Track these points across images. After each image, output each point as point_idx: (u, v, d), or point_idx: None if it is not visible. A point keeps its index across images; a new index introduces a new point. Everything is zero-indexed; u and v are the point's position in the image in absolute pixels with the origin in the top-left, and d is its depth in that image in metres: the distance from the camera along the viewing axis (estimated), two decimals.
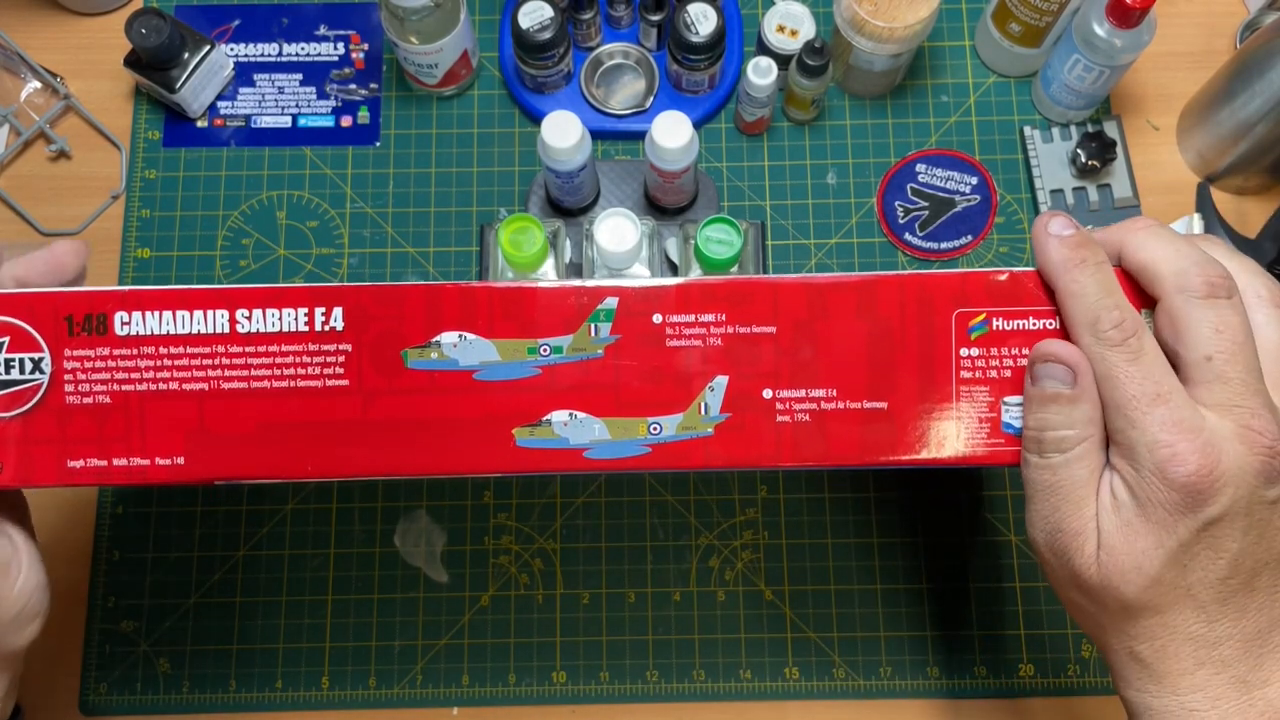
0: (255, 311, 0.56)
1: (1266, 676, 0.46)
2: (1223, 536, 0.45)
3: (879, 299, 0.55)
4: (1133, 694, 0.49)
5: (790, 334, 0.55)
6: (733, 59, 0.99)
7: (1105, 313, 0.47)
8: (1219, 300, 0.46)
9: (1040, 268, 0.52)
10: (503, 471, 0.56)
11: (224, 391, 0.56)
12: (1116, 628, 0.48)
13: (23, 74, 1.00)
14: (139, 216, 0.97)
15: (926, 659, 0.86)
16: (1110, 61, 0.87)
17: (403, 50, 0.91)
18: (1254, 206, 0.97)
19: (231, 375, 0.56)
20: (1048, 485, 0.48)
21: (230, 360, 0.56)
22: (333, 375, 0.56)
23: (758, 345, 0.55)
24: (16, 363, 0.55)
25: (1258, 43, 0.87)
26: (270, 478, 0.56)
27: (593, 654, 0.87)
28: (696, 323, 0.55)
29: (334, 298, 0.56)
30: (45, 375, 0.55)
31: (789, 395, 0.55)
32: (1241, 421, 0.45)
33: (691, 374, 0.55)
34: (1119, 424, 0.46)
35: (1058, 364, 0.49)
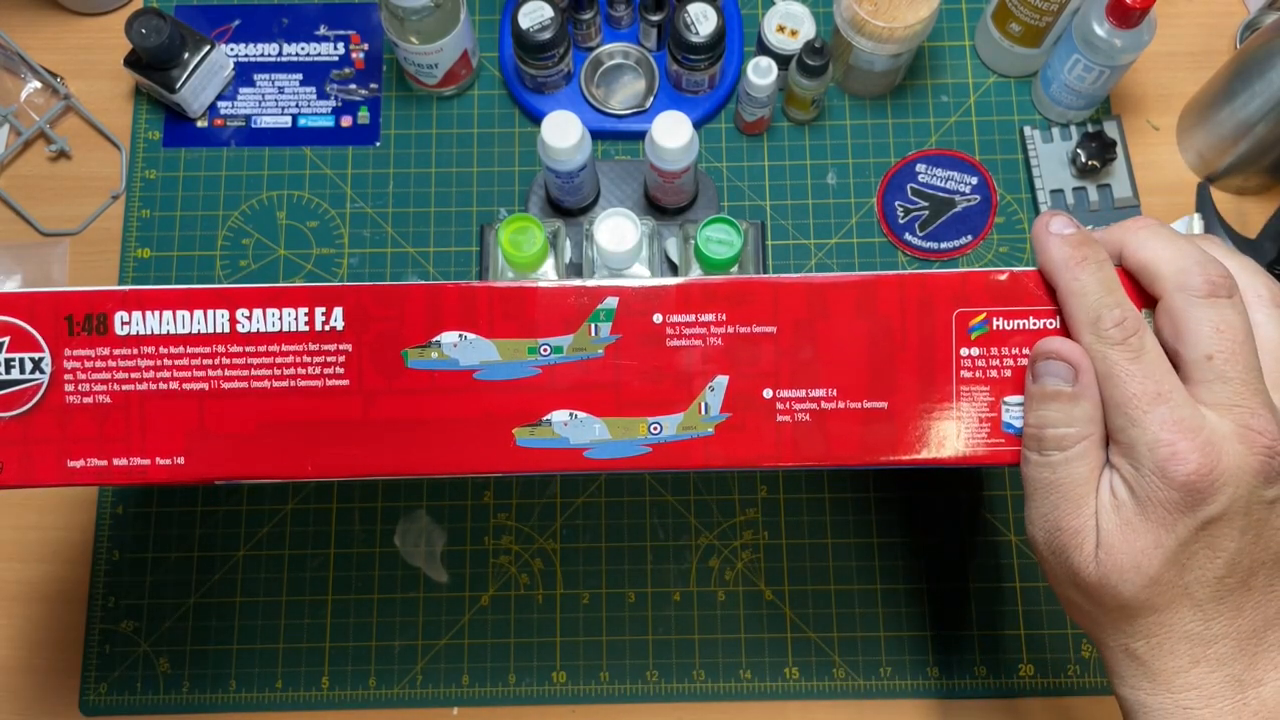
0: (255, 311, 0.56)
1: (1260, 675, 0.46)
2: (1221, 536, 0.45)
3: (879, 298, 0.55)
4: (1128, 691, 0.49)
5: (790, 334, 0.55)
6: (733, 59, 0.99)
7: (1107, 311, 0.47)
8: (1220, 299, 0.46)
9: (1041, 266, 0.52)
10: (502, 471, 0.56)
11: (224, 391, 0.56)
12: (1114, 626, 0.48)
13: (23, 74, 1.00)
14: (139, 216, 0.97)
15: (926, 659, 0.86)
16: (1110, 61, 0.88)
17: (403, 50, 0.91)
18: (1254, 206, 0.97)
19: (232, 375, 0.56)
20: (1047, 483, 0.48)
21: (230, 360, 0.56)
22: (333, 375, 0.56)
23: (758, 345, 0.55)
24: (16, 362, 0.55)
25: (1258, 43, 0.87)
26: (270, 477, 0.56)
27: (593, 654, 0.87)
28: (696, 322, 0.55)
29: (334, 298, 0.56)
30: (45, 375, 0.55)
31: (789, 395, 0.55)
32: (1241, 421, 0.45)
33: (691, 374, 0.55)
34: (1119, 423, 0.46)
35: (1059, 361, 0.49)
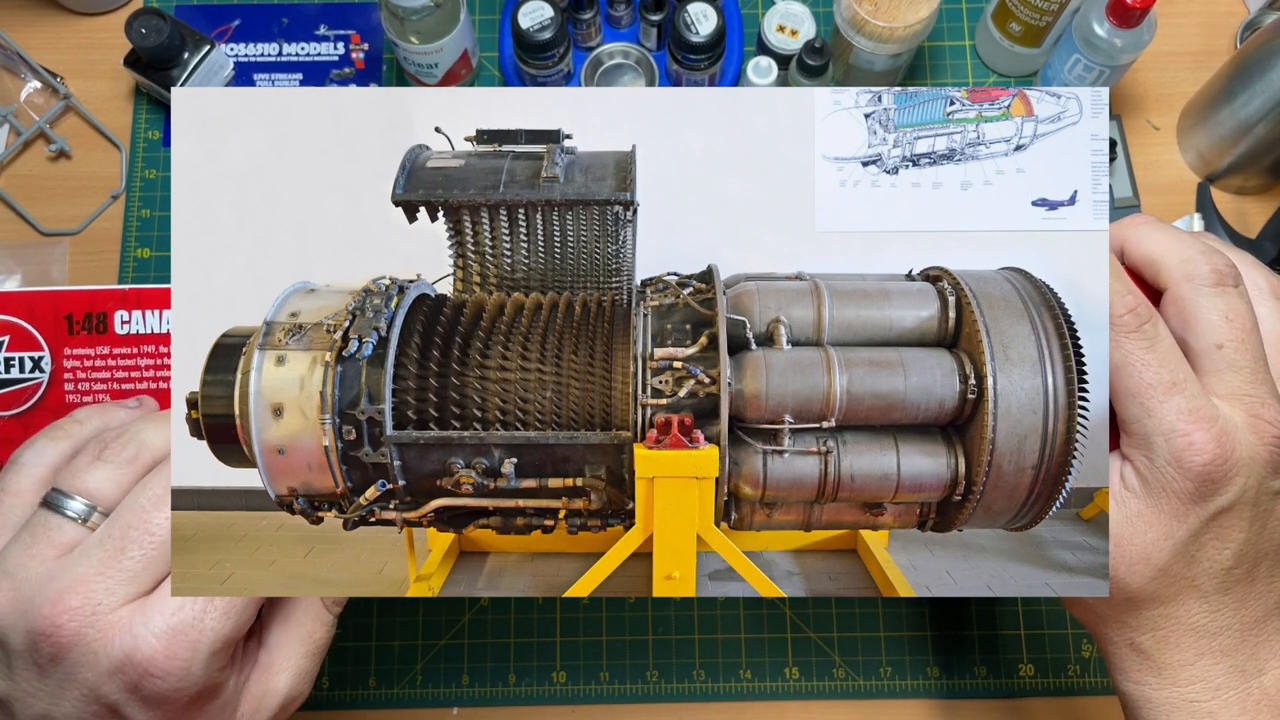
0: None
1: (1262, 665, 0.47)
2: (1230, 526, 0.45)
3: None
4: (1131, 686, 0.49)
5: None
6: (733, 59, 0.99)
7: (1118, 298, 0.47)
8: (1227, 288, 0.46)
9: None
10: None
11: None
12: (1118, 619, 0.48)
13: (23, 74, 1.00)
14: (139, 216, 0.97)
15: (926, 659, 0.86)
16: (1110, 61, 0.87)
17: (403, 50, 0.91)
18: (1254, 206, 0.97)
19: None
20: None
21: None
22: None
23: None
24: (16, 361, 0.55)
25: (1258, 43, 0.87)
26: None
27: (593, 654, 0.87)
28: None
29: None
30: (45, 374, 0.55)
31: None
32: (1252, 411, 0.45)
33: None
34: (1134, 412, 0.46)
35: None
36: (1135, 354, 0.46)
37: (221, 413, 0.77)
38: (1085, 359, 0.78)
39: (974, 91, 1.11)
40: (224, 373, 0.78)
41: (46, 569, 0.44)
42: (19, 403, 0.55)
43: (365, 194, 1.21)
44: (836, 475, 0.78)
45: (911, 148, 1.15)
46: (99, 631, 0.43)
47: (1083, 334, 0.80)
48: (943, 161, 1.16)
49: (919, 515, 0.84)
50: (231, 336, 0.81)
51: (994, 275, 0.84)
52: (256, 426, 0.75)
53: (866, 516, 0.83)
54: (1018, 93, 1.13)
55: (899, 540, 1.15)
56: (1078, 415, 0.76)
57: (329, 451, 0.75)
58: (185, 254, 1.27)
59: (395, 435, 0.76)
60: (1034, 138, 1.15)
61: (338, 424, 0.75)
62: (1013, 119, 1.14)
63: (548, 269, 0.87)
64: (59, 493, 0.46)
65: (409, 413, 0.78)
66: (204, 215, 1.26)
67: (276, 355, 0.75)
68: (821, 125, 1.18)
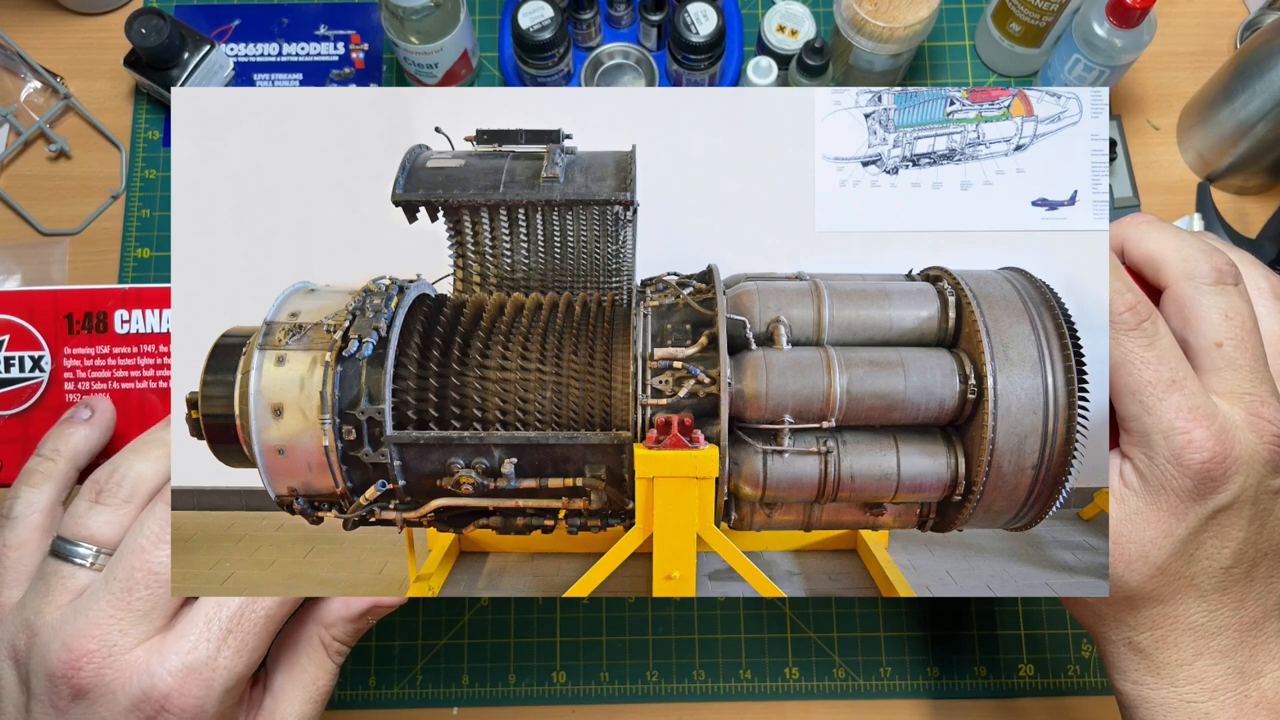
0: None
1: (1260, 667, 0.46)
2: (1230, 525, 0.45)
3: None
4: (1129, 686, 0.49)
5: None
6: (733, 59, 0.99)
7: (1117, 296, 0.47)
8: (1227, 287, 0.46)
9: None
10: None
11: None
12: (1116, 618, 0.48)
13: (23, 74, 1.00)
14: (139, 216, 0.97)
15: (926, 659, 0.86)
16: (1110, 61, 0.87)
17: (403, 50, 0.91)
18: (1254, 206, 0.97)
19: None
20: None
21: None
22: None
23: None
24: (16, 361, 0.55)
25: (1258, 43, 0.87)
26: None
27: (593, 654, 0.87)
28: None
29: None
30: (45, 373, 0.55)
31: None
32: (1252, 410, 0.45)
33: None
34: (1133, 410, 0.46)
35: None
36: (1135, 351, 0.46)
37: (221, 413, 0.78)
38: (1085, 359, 0.78)
39: (974, 91, 1.11)
40: (224, 373, 0.78)
41: (60, 614, 0.45)
42: (19, 402, 0.55)
43: (365, 194, 1.22)
44: (836, 475, 0.78)
45: (911, 148, 1.15)
46: (116, 672, 0.44)
47: (1083, 334, 0.80)
48: (943, 161, 1.16)
49: (919, 515, 0.84)
50: (231, 336, 0.81)
51: (994, 275, 0.84)
52: (256, 426, 0.75)
53: (866, 516, 0.83)
54: (1018, 93, 1.13)
55: (899, 540, 1.16)
56: (1078, 415, 0.76)
57: (329, 451, 0.75)
58: (185, 254, 1.28)
59: (395, 435, 0.76)
60: (1034, 138, 1.15)
61: (338, 424, 0.75)
62: (1013, 119, 1.15)
63: (548, 269, 0.87)
64: (65, 541, 0.47)
65: (409, 413, 0.78)
66: (204, 215, 1.27)
67: (276, 355, 0.75)
68: (821, 125, 1.18)
